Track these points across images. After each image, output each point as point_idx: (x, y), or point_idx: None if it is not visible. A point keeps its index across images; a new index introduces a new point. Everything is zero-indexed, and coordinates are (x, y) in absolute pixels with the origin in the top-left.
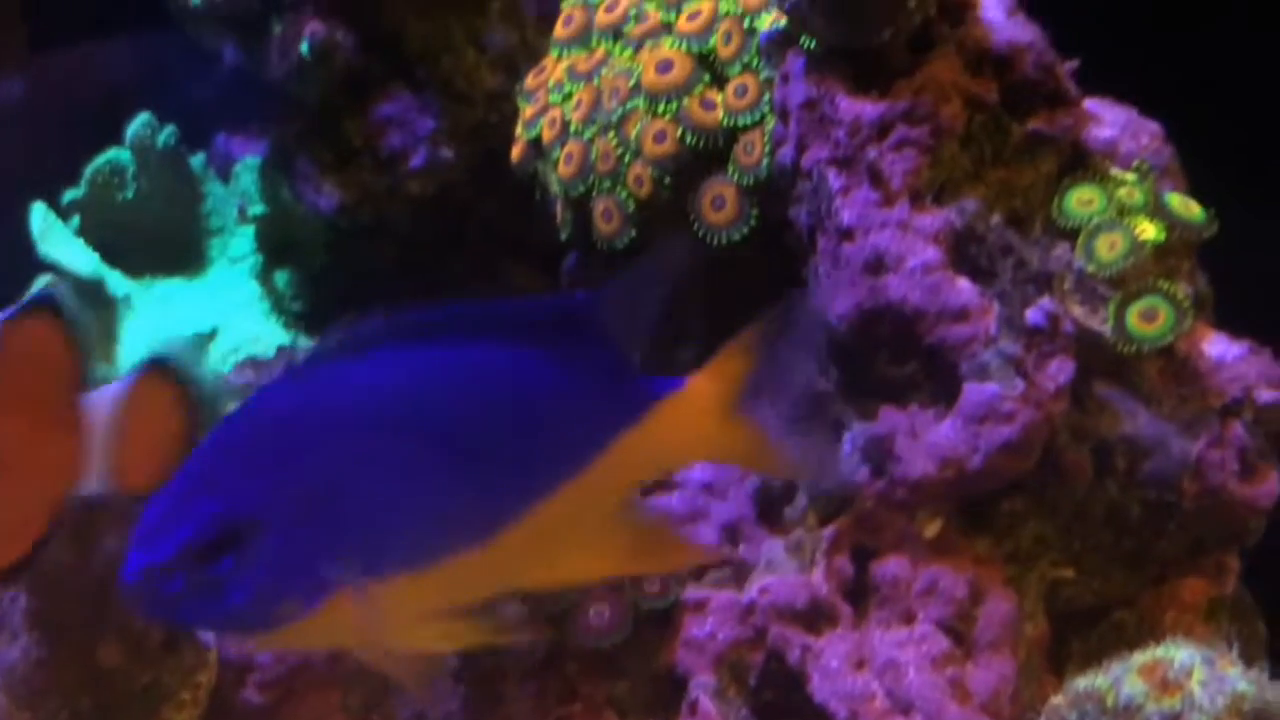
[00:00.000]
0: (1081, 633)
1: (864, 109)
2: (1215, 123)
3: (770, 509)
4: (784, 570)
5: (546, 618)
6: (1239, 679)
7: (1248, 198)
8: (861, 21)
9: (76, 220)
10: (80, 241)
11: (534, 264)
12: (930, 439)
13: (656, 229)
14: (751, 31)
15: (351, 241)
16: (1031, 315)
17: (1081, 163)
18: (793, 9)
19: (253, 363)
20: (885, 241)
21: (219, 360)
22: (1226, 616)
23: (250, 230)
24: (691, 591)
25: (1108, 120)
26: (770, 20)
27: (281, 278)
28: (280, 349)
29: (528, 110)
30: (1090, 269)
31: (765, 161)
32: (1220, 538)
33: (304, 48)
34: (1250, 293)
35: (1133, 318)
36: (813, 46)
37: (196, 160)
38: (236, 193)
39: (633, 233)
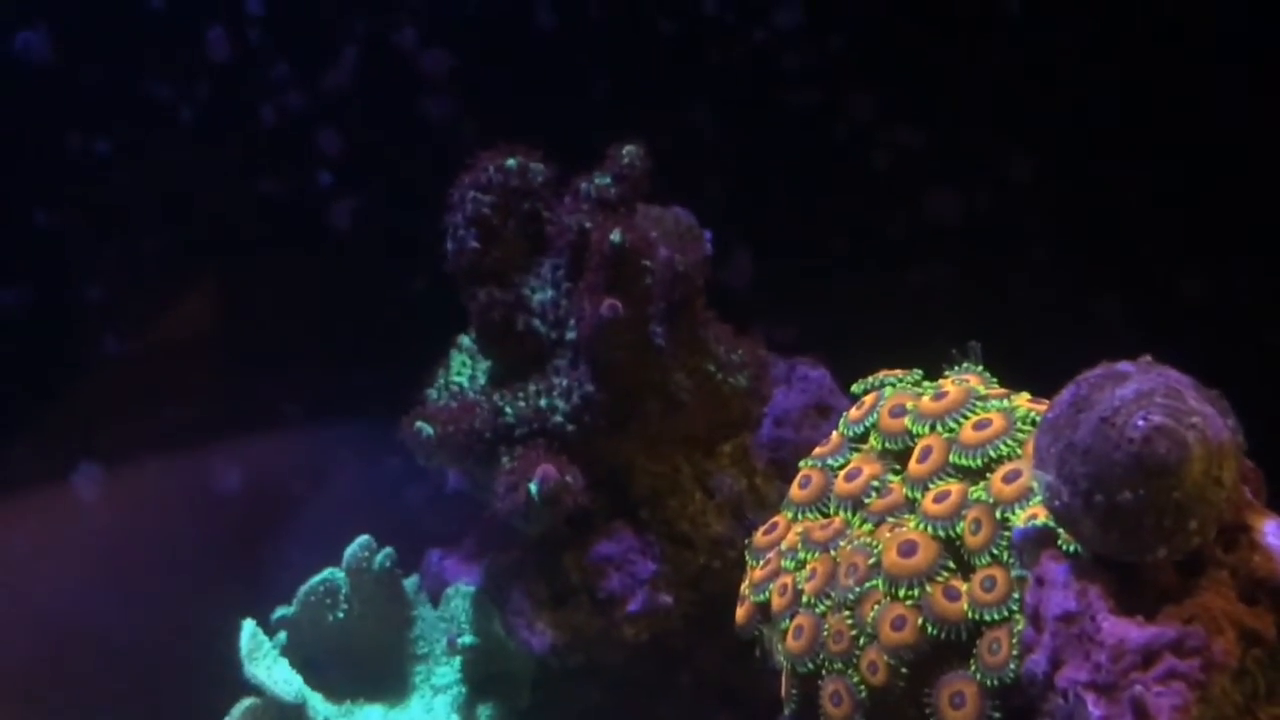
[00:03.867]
0: None
1: (1130, 633)
2: None
3: None
4: None
5: None
6: None
7: None
8: (1138, 535)
9: (284, 637)
10: (285, 663)
11: (745, 715)
12: None
13: (882, 717)
14: (1003, 522)
15: (559, 683)
16: None
17: None
18: (1062, 510)
19: None
20: None
21: None
22: None
23: (458, 660)
24: None
25: None
26: (1026, 516)
27: (485, 712)
28: None
29: (757, 573)
30: None
31: (1013, 665)
32: None
33: (533, 488)
34: None
35: None
36: (1075, 551)
37: (410, 582)
38: (447, 617)
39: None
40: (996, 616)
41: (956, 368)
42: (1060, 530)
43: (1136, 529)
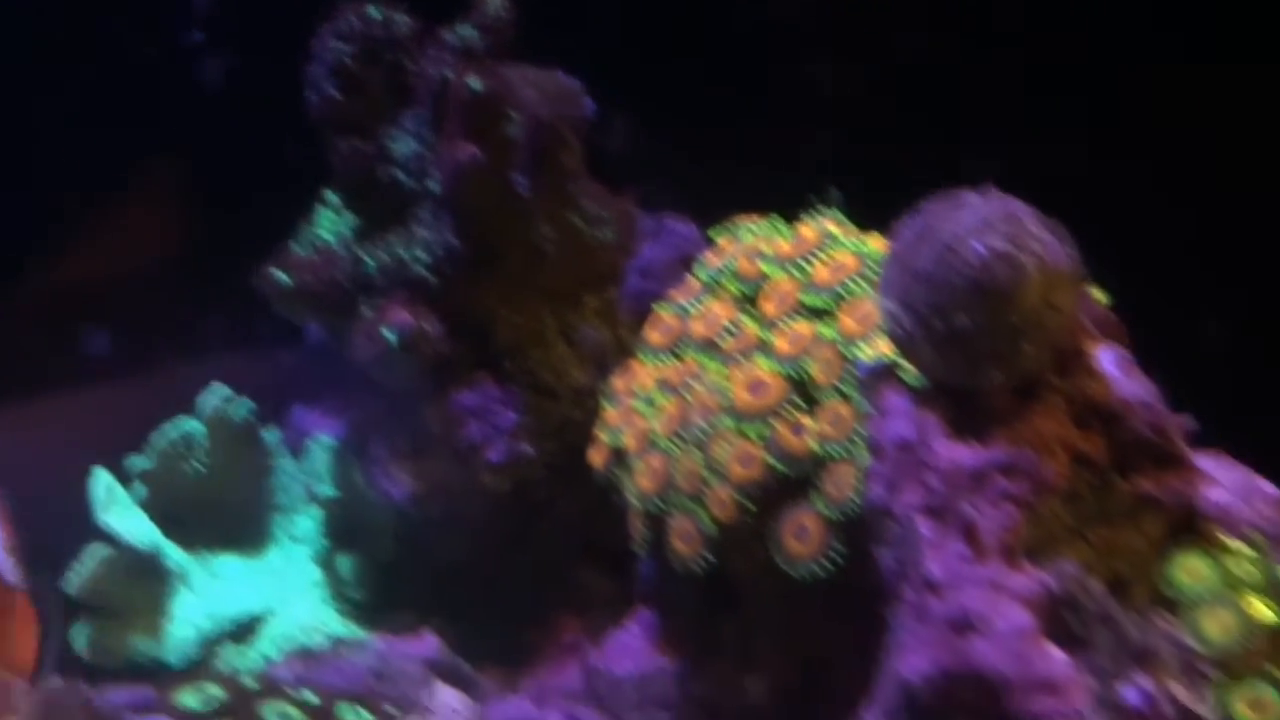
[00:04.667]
0: None
1: (961, 457)
2: None
3: None
4: None
5: None
6: None
7: None
8: (973, 360)
9: (141, 490)
10: (140, 512)
11: (606, 568)
12: None
13: (735, 555)
14: (850, 359)
15: (421, 533)
16: (1127, 694)
17: (1191, 527)
18: (903, 337)
19: (303, 654)
20: (974, 601)
21: (269, 646)
22: None
23: (318, 512)
24: None
25: (1222, 482)
26: (871, 351)
27: (345, 564)
28: (336, 641)
29: (612, 415)
30: (1196, 647)
31: (855, 497)
32: None
33: (391, 336)
34: None
35: (1240, 705)
36: (915, 383)
37: (270, 435)
38: (308, 471)
39: (709, 557)
40: (841, 451)
41: (815, 213)
42: (903, 363)
43: (972, 353)
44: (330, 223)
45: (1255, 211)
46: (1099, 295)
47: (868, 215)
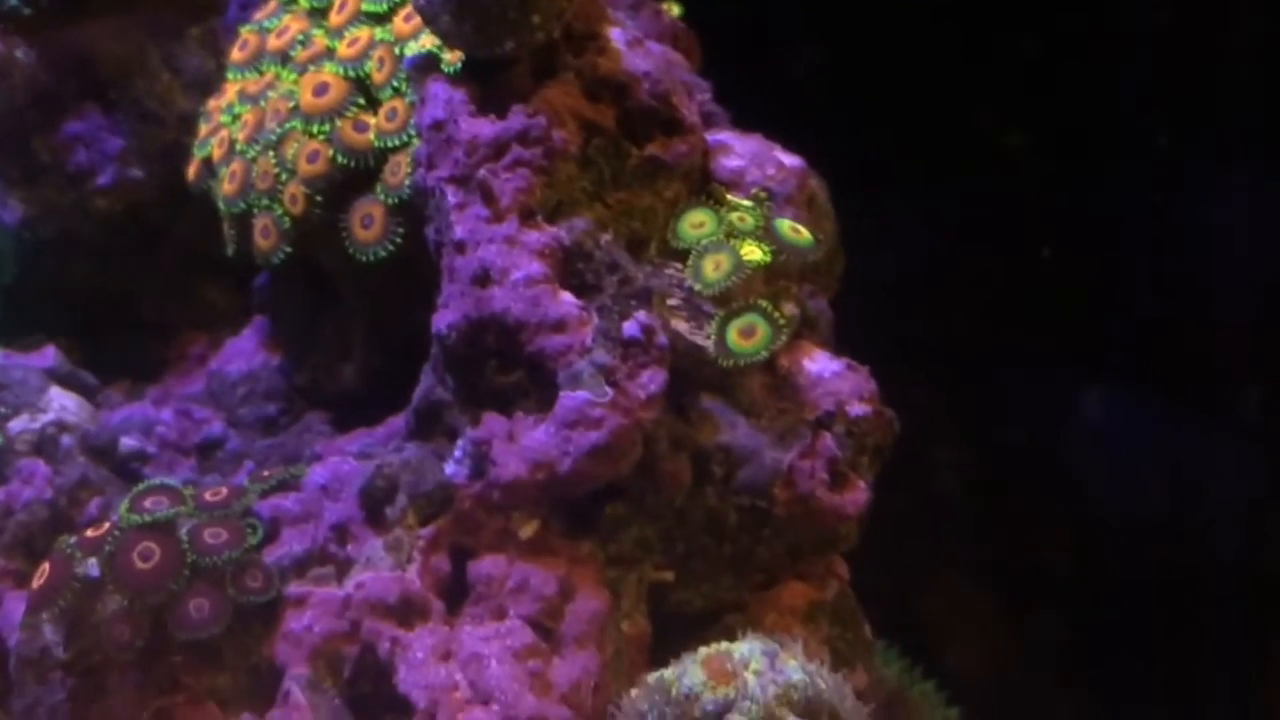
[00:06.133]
0: (694, 636)
1: (481, 129)
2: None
3: (377, 509)
4: (381, 567)
5: (147, 609)
6: (795, 670)
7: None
8: (486, 24)
9: None
10: None
11: (230, 285)
12: (525, 443)
13: (311, 246)
14: (402, 57)
15: (41, 256)
16: (627, 328)
17: (705, 190)
18: (427, 8)
19: None
20: (492, 255)
21: None
22: (827, 620)
23: None
24: (294, 587)
25: (737, 150)
26: (416, 46)
27: None
28: None
29: (202, 129)
30: (696, 287)
31: (409, 183)
32: (815, 544)
33: None
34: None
35: (733, 334)
36: (450, 71)
37: None
38: None
39: (287, 249)
40: (398, 143)
41: None
42: (443, 55)
43: (485, 20)
44: None
45: None
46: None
47: None
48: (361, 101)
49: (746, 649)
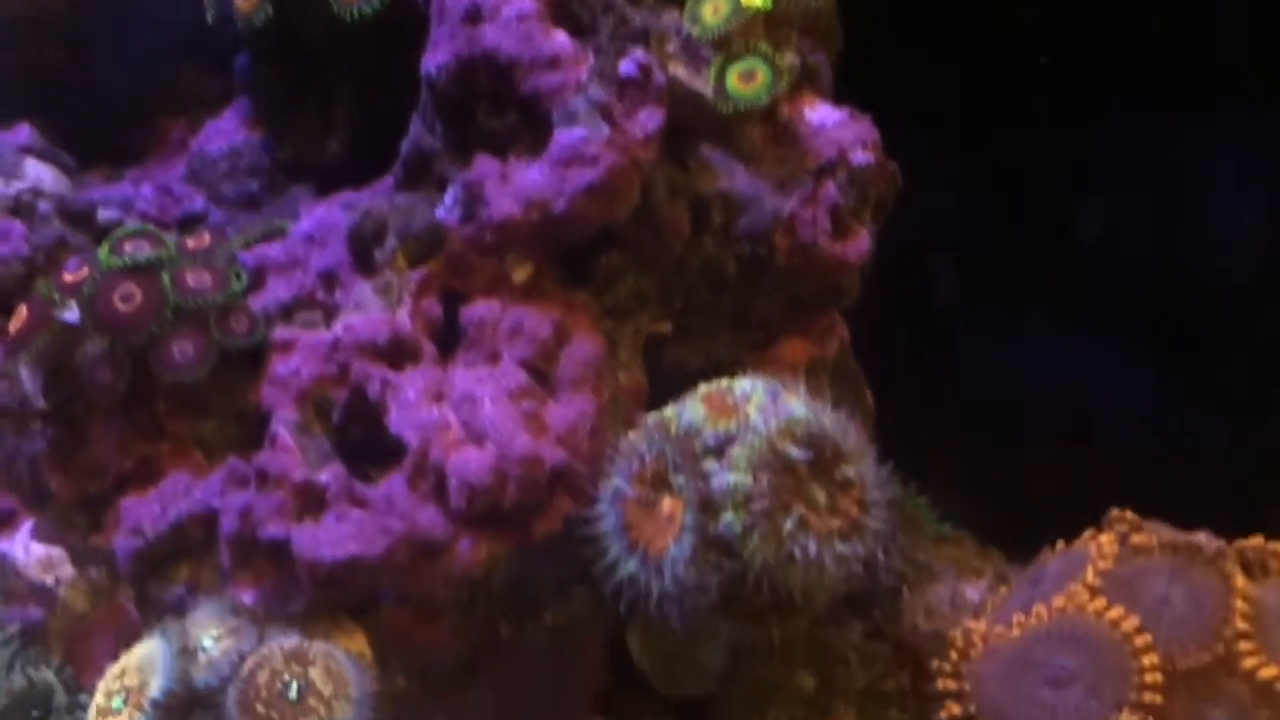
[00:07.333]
0: None
1: None
2: None
3: (366, 254)
4: (370, 309)
5: (129, 352)
6: (798, 407)
7: None
8: None
9: None
10: None
11: (209, 68)
12: (518, 182)
13: (293, 15)
14: None
15: (14, 38)
16: (624, 66)
17: None
18: None
19: None
20: None
21: None
22: (827, 378)
23: None
24: (280, 331)
25: None
26: None
27: None
28: None
29: None
30: (695, 32)
31: None
32: (816, 295)
33: None
34: None
35: (732, 78)
36: None
37: None
38: None
39: (269, 10)
40: None
41: None
42: None
43: None
44: None
45: None
46: None
47: None
48: None
49: (749, 384)
